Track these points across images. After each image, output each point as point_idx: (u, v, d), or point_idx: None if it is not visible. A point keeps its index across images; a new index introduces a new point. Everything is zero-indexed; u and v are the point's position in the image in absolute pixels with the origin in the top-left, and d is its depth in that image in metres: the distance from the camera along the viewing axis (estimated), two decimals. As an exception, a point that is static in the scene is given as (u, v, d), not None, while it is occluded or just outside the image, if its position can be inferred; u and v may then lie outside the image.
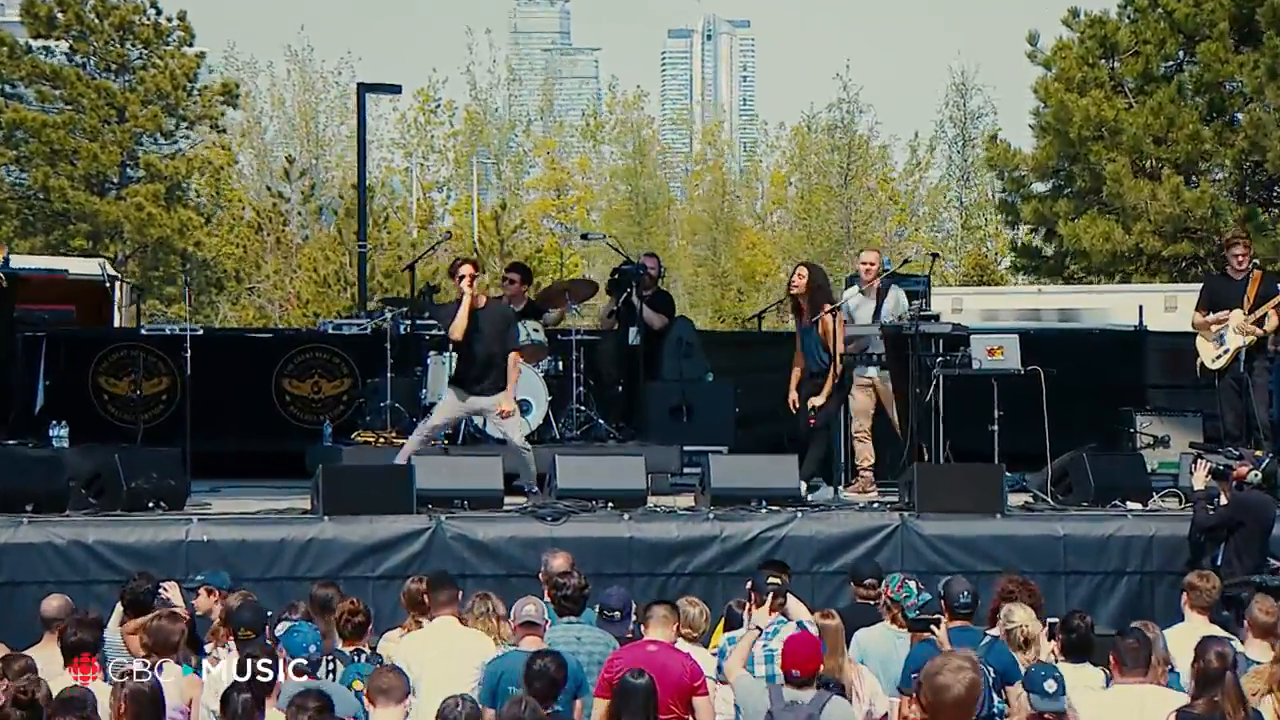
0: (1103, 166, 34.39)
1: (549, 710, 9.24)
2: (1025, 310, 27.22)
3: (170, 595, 11.38)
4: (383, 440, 17.12)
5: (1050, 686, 9.09)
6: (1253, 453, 14.99)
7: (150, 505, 14.28)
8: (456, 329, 15.18)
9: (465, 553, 14.08)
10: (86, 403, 18.78)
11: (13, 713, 8.48)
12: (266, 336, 25.11)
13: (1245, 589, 13.09)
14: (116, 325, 24.05)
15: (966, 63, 59.99)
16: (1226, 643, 9.83)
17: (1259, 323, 16.32)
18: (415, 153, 55.21)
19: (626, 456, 15.65)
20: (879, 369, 16.69)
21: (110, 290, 23.28)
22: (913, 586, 11.25)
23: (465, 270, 15.14)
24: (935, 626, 10.58)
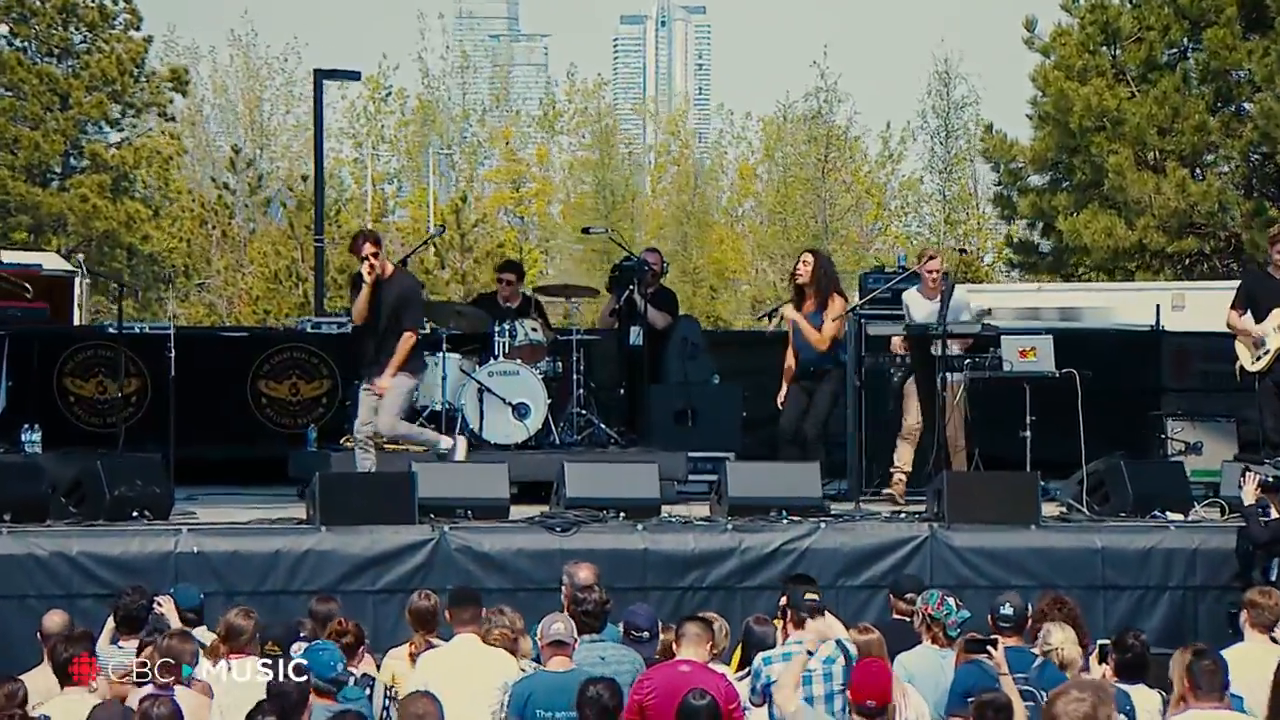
0: (1104, 158, 33.83)
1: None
2: (1024, 309, 26.62)
3: (165, 611, 11.20)
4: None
5: None
6: (1302, 462, 14.61)
7: (134, 514, 13.78)
8: (358, 313, 14.75)
9: (471, 565, 13.64)
10: (51, 405, 18.17)
11: None
12: (242, 335, 24.49)
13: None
14: (77, 324, 23.54)
15: (950, 50, 58.84)
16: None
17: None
18: (365, 143, 54.36)
19: (639, 464, 15.20)
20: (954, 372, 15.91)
21: (72, 287, 22.84)
22: (952, 603, 10.97)
23: (368, 250, 14.57)
24: (993, 648, 10.00)
